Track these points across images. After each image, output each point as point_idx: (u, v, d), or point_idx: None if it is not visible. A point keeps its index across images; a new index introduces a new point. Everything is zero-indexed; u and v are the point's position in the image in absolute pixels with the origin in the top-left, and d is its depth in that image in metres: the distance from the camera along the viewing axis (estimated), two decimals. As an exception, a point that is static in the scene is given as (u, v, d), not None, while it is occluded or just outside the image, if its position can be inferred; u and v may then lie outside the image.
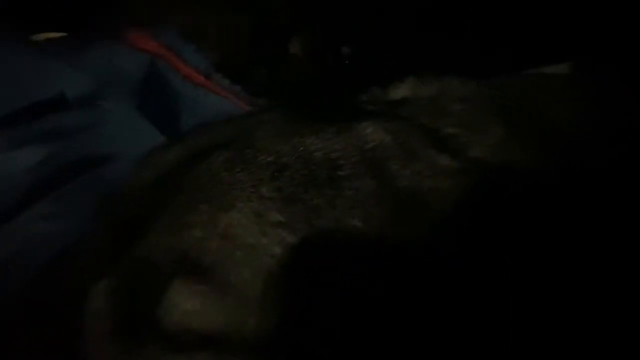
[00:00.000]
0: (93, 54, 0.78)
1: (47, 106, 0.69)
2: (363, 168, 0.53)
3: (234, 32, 0.90)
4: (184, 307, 0.46)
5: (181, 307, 0.46)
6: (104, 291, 0.48)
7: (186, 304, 0.46)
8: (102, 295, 0.48)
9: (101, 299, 0.48)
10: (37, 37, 0.83)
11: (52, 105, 0.69)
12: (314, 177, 0.52)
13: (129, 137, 0.71)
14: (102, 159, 0.68)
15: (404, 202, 0.51)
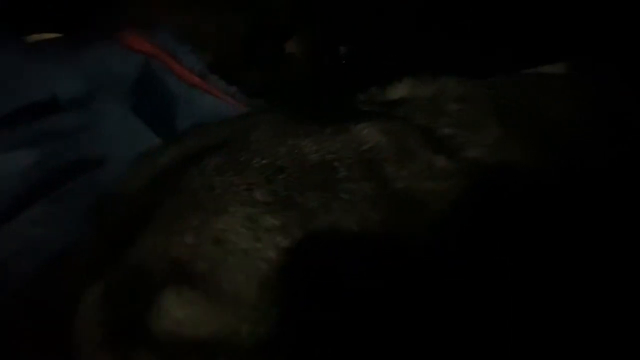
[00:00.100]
0: (87, 55, 0.77)
1: (40, 108, 0.68)
2: (359, 170, 0.52)
3: (230, 32, 0.89)
4: (176, 315, 0.45)
5: (173, 315, 0.45)
6: (95, 297, 0.48)
7: (178, 312, 0.45)
8: (94, 301, 0.48)
9: (93, 305, 0.47)
10: (30, 38, 0.82)
11: (45, 107, 0.68)
12: (309, 180, 0.51)
13: (123, 139, 0.70)
14: (95, 161, 0.67)
15: (401, 204, 0.51)
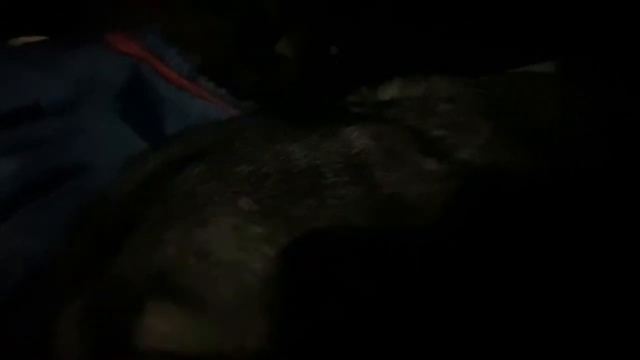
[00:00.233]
0: (73, 58, 0.75)
1: (22, 115, 0.67)
2: (347, 175, 0.51)
3: (219, 33, 0.88)
4: (159, 330, 0.44)
5: (157, 330, 0.44)
6: (76, 312, 0.47)
7: (161, 327, 0.44)
8: (75, 316, 0.47)
9: (73, 320, 0.46)
10: (14, 41, 0.81)
11: (28, 113, 0.67)
12: (296, 187, 0.50)
13: (109, 144, 0.69)
14: (80, 168, 0.65)
15: (390, 209, 0.50)
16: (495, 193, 0.53)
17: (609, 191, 0.54)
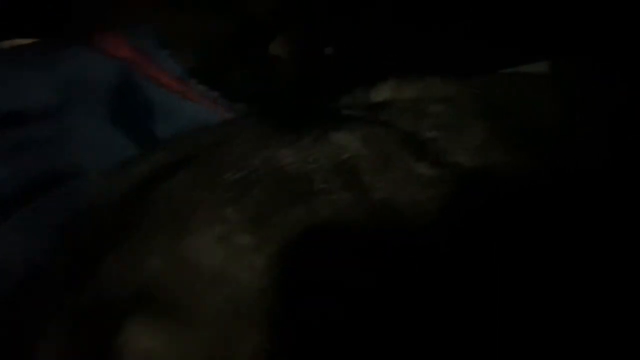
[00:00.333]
0: (62, 61, 0.75)
1: (10, 119, 0.66)
2: (338, 181, 0.50)
3: (212, 34, 0.87)
4: (144, 345, 0.43)
5: (142, 345, 0.43)
6: (60, 327, 0.46)
7: (146, 342, 0.43)
8: (59, 330, 0.45)
9: (57, 336, 0.45)
10: (3, 44, 0.80)
11: (15, 118, 0.66)
12: (285, 194, 0.49)
13: (98, 149, 0.68)
14: (69, 173, 0.64)
15: (380, 214, 0.49)
16: (491, 196, 0.52)
17: (608, 192, 0.54)
